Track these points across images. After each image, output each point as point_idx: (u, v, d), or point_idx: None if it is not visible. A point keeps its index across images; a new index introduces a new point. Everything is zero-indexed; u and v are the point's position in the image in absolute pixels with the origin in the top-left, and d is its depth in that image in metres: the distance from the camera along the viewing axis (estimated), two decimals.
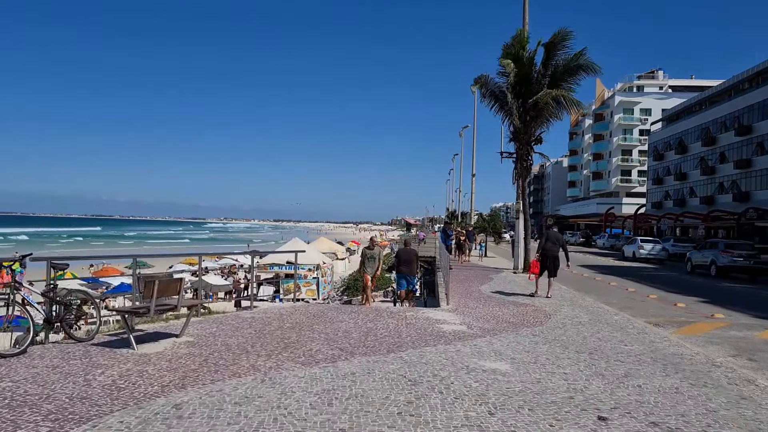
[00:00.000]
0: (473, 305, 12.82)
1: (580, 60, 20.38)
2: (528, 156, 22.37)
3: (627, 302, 16.05)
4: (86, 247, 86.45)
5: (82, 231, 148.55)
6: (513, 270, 23.42)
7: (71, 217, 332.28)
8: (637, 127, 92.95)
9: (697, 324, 12.31)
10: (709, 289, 21.24)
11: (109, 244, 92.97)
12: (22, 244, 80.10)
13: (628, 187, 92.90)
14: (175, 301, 7.61)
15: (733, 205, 53.64)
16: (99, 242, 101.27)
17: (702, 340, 10.29)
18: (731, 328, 11.90)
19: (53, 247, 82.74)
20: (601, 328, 10.33)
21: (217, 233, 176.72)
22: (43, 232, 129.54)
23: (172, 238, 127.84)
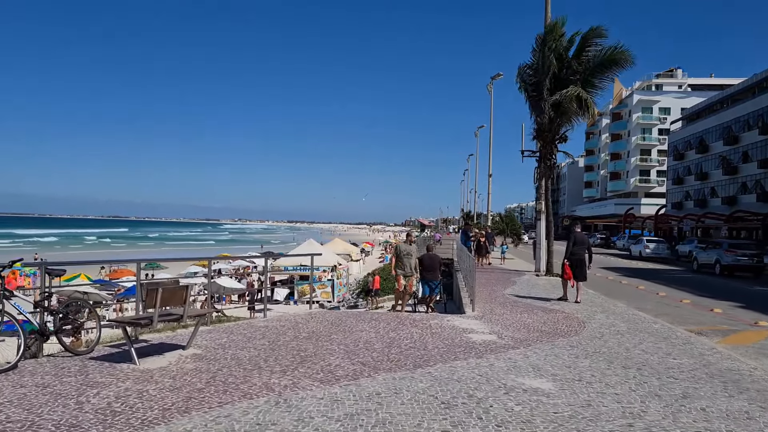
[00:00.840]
0: (500, 311, 12.06)
1: (614, 54, 19.53)
2: (552, 155, 21.53)
3: (661, 308, 15.21)
4: (108, 248, 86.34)
5: (109, 232, 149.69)
6: (535, 273, 22.59)
7: (88, 219, 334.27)
8: (656, 126, 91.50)
9: (743, 333, 11.47)
10: (743, 293, 20.29)
11: (131, 246, 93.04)
12: (47, 246, 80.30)
13: (646, 187, 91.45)
14: (181, 311, 6.93)
15: (757, 205, 52.36)
16: (122, 244, 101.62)
17: (753, 352, 9.46)
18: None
19: (80, 248, 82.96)
20: (643, 338, 9.53)
21: (236, 234, 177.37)
22: (69, 233, 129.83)
23: (194, 239, 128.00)
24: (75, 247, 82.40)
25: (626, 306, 14.05)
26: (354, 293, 37.36)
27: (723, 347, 9.40)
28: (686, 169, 71.24)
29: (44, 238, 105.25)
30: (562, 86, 20.54)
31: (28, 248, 73.57)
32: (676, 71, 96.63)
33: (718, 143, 62.45)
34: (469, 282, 14.57)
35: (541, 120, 21.06)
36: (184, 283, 7.11)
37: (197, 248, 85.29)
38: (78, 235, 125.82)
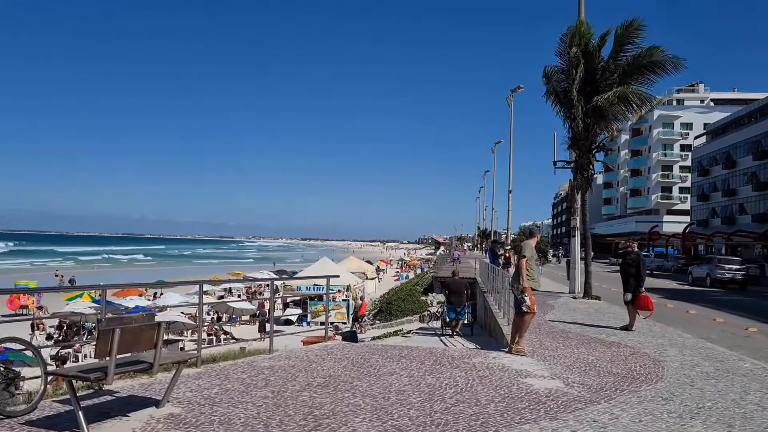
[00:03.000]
0: (551, 344, 10.10)
1: (656, 56, 17.59)
2: (589, 165, 19.61)
3: (728, 338, 13.24)
4: (154, 268, 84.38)
5: (149, 250, 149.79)
6: (570, 294, 20.59)
7: (104, 236, 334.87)
8: (677, 142, 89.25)
9: None
10: None
11: (178, 264, 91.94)
12: (88, 264, 79.26)
13: (668, 204, 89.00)
14: (150, 357, 5.07)
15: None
16: (170, 262, 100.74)
17: None
18: None
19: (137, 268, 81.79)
20: (745, 384, 7.55)
21: (266, 252, 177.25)
22: (112, 251, 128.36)
23: (230, 258, 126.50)
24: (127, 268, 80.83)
25: (691, 337, 12.03)
26: (371, 314, 35.39)
27: None
28: (712, 185, 68.87)
29: (82, 256, 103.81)
30: (597, 89, 18.70)
31: (70, 265, 72.90)
32: (698, 86, 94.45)
33: (746, 158, 60.13)
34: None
35: (576, 127, 19.16)
36: (162, 319, 5.24)
37: (236, 266, 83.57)
38: (120, 252, 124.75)
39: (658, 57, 17.65)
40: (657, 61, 17.74)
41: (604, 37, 18.46)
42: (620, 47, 18.26)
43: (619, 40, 18.13)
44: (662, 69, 17.85)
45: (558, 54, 19.21)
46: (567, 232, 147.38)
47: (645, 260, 12.79)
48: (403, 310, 32.05)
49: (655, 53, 17.60)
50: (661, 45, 17.83)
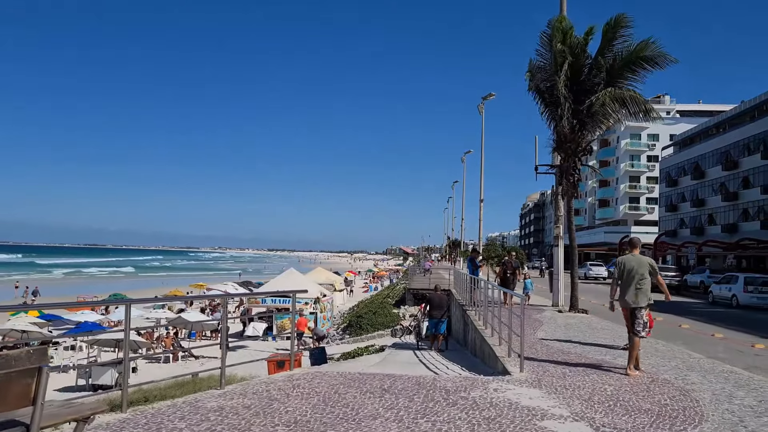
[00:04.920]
0: (555, 370, 8.65)
1: (647, 50, 16.39)
2: (575, 169, 18.34)
3: (739, 357, 12.00)
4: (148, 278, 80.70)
5: (140, 260, 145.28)
6: (555, 308, 19.26)
7: (65, 247, 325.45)
8: (644, 153, 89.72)
9: None
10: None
11: (138, 276, 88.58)
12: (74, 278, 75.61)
13: (636, 214, 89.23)
14: (26, 415, 3.44)
15: (761, 233, 49.76)
16: (162, 273, 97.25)
17: None
18: None
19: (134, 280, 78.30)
20: None
21: (233, 262, 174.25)
22: (88, 263, 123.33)
23: (194, 269, 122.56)
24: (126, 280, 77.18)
25: (705, 357, 10.71)
26: (340, 328, 33.71)
27: None
28: (680, 195, 68.94)
29: (48, 268, 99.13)
30: (584, 88, 17.49)
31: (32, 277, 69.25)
32: (664, 98, 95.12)
33: (715, 168, 60.17)
34: (502, 326, 11.06)
35: (562, 129, 17.89)
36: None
37: (196, 277, 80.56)
38: (103, 264, 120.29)
39: (648, 52, 16.47)
40: (647, 56, 16.57)
41: (589, 33, 17.24)
42: (608, 43, 17.05)
43: (607, 36, 16.92)
44: (652, 64, 16.68)
45: (539, 53, 17.97)
46: (535, 243, 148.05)
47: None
48: (374, 324, 30.50)
49: (647, 48, 16.42)
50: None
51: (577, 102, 17.18)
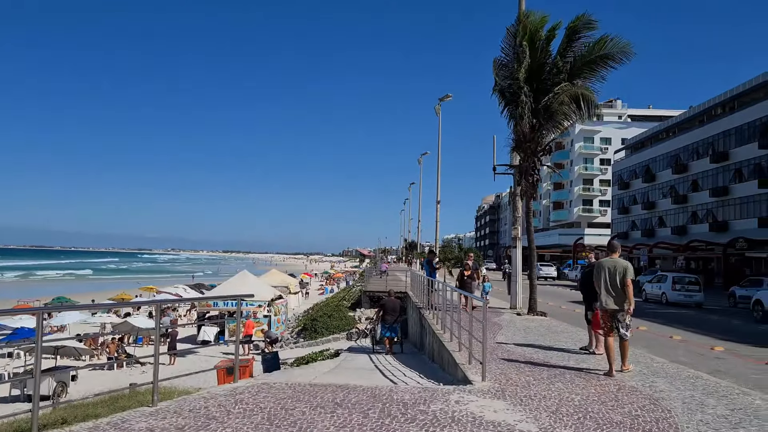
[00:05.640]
0: (519, 378, 8.18)
1: (606, 48, 16.18)
2: (534, 169, 18.05)
3: (701, 360, 11.79)
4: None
5: (96, 263, 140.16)
6: (513, 311, 18.94)
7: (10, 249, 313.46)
8: (597, 156, 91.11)
9: None
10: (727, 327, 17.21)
11: (85, 279, 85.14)
12: None
13: (589, 217, 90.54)
14: None
15: (709, 235, 50.91)
16: (118, 276, 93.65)
17: None
18: None
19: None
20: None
21: (184, 264, 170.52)
22: (40, 265, 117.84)
23: (145, 271, 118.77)
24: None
25: (668, 361, 10.43)
26: (294, 331, 32.89)
27: None
28: (632, 198, 70.18)
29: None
30: (545, 87, 17.20)
31: None
32: (616, 102, 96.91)
33: (666, 172, 61.38)
34: (462, 331, 10.55)
35: (522, 128, 17.57)
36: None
37: (146, 279, 78.01)
38: (54, 267, 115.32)
39: (608, 49, 16.26)
40: (607, 54, 16.36)
41: (553, 30, 16.95)
42: (570, 42, 16.80)
43: (570, 34, 16.66)
44: (613, 61, 16.49)
45: (503, 50, 17.62)
46: (491, 244, 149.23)
47: None
48: (330, 327, 29.81)
49: (604, 46, 16.20)
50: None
51: (537, 101, 16.88)
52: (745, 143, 47.78)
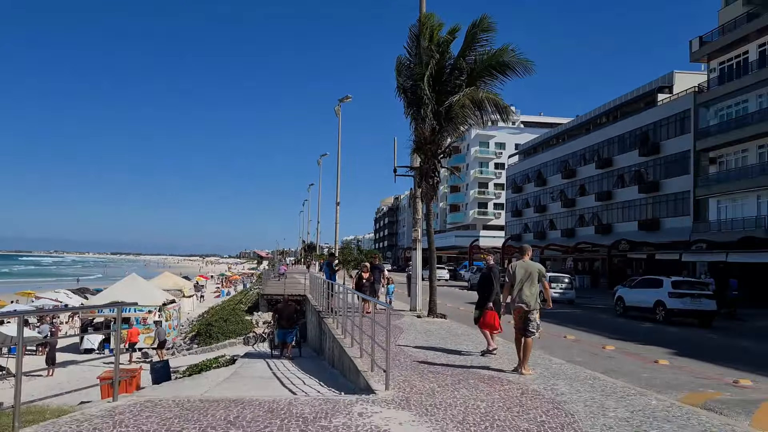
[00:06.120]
0: (422, 385, 7.94)
1: (506, 56, 16.41)
2: (435, 171, 18.06)
3: (595, 360, 12.11)
4: None
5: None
6: (414, 313, 18.87)
7: None
8: (492, 161, 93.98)
9: (743, 399, 8.35)
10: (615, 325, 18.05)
11: None
12: None
13: (484, 219, 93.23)
14: None
15: (595, 237, 53.57)
16: None
17: None
18: None
19: None
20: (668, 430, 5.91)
21: (93, 267, 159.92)
22: None
23: (49, 275, 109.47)
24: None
25: (564, 362, 10.57)
26: (188, 337, 31.45)
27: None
28: (524, 201, 72.85)
29: None
30: (446, 89, 17.25)
31: None
32: (509, 108, 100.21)
33: (556, 176, 64.12)
34: (364, 336, 10.22)
35: (423, 130, 17.53)
36: None
37: (24, 284, 71.87)
38: None
39: (508, 58, 16.53)
40: (507, 62, 16.62)
41: (453, 32, 17.02)
42: (470, 45, 16.92)
43: (470, 37, 16.78)
44: (512, 71, 16.77)
45: (406, 49, 17.50)
46: (389, 246, 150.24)
47: (498, 274, 11.13)
48: (225, 332, 28.72)
49: (505, 54, 16.46)
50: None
51: (438, 103, 16.87)
52: (626, 151, 50.72)
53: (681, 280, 23.87)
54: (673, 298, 21.92)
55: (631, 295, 24.82)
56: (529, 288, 8.98)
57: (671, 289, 22.21)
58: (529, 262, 9.32)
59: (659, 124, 46.46)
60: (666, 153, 45.42)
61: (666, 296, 22.16)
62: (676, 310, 21.82)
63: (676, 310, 21.84)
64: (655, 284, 23.52)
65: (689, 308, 21.80)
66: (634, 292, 24.79)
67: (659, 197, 46.30)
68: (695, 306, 21.81)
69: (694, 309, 21.81)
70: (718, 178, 39.24)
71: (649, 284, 24.18)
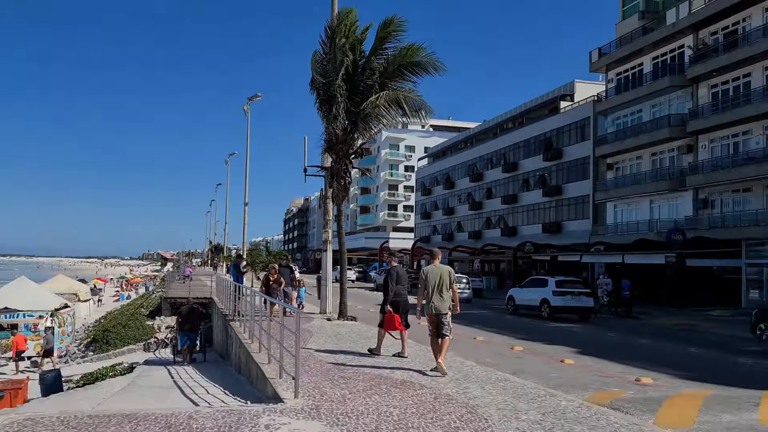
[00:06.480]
0: (333, 392, 7.63)
1: (419, 56, 16.37)
2: (347, 172, 17.78)
3: (504, 360, 12.24)
4: None
5: None
6: (324, 316, 18.50)
7: None
8: (402, 163, 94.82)
9: (669, 401, 8.58)
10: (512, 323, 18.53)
11: None
12: None
13: (394, 221, 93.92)
14: None
15: (501, 239, 54.97)
16: None
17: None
18: (704, 406, 8.31)
19: None
20: None
21: None
22: None
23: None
24: None
25: (476, 364, 10.56)
26: (83, 344, 29.64)
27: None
28: (433, 204, 73.90)
29: None
30: (358, 88, 17.02)
31: None
32: (426, 105, 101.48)
33: (463, 180, 65.39)
34: (272, 341, 9.78)
35: (335, 130, 17.21)
36: None
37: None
38: None
39: (419, 57, 16.49)
40: (418, 61, 16.58)
41: (366, 31, 16.82)
42: (382, 43, 16.76)
43: (382, 36, 16.62)
44: (424, 70, 16.75)
45: (321, 46, 17.10)
46: (299, 248, 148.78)
47: (400, 274, 10.95)
48: (124, 338, 27.23)
49: (416, 53, 16.40)
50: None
51: (351, 102, 16.61)
52: (531, 156, 52.38)
53: (563, 279, 25.88)
54: (557, 296, 24.01)
55: (521, 294, 26.84)
56: (441, 292, 9.11)
57: (555, 288, 24.33)
58: (440, 265, 9.46)
59: (562, 131, 48.26)
60: (568, 158, 47.23)
61: (550, 295, 24.21)
62: (558, 306, 23.88)
63: (558, 307, 23.87)
64: (542, 284, 25.67)
65: (570, 305, 24.05)
66: (523, 291, 26.85)
67: (562, 201, 48.08)
68: (575, 303, 24.08)
69: (575, 306, 24.09)
70: (615, 183, 41.17)
71: (536, 284, 26.35)
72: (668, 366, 12.36)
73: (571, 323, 22.38)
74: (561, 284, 24.75)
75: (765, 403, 8.53)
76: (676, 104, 36.65)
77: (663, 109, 37.59)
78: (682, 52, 35.81)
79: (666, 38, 36.80)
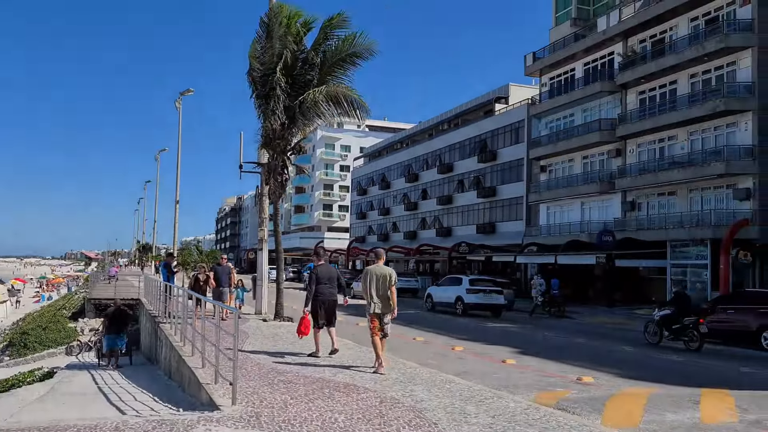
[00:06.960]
0: (274, 398, 7.22)
1: (356, 45, 16.09)
2: (284, 168, 17.29)
3: (447, 361, 12.07)
4: None
5: None
6: (259, 316, 17.94)
7: None
8: (338, 163, 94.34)
9: (612, 400, 8.54)
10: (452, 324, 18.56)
11: None
12: None
13: (329, 221, 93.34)
14: None
15: (436, 239, 55.29)
16: None
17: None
18: (648, 405, 8.32)
19: None
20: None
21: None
22: None
23: None
24: None
25: (418, 365, 10.34)
26: None
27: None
28: (369, 204, 73.71)
29: None
30: (298, 82, 16.61)
31: None
32: (365, 104, 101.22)
33: (399, 180, 65.49)
34: (207, 344, 9.23)
35: (272, 125, 16.69)
36: None
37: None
38: None
39: (355, 48, 16.22)
40: (356, 51, 16.31)
41: (307, 25, 16.39)
42: (324, 38, 16.40)
43: (325, 31, 16.27)
44: (360, 58, 16.51)
45: (259, 37, 16.54)
46: (232, 247, 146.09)
47: (322, 272, 10.62)
48: (44, 342, 25.82)
49: (352, 42, 16.12)
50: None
51: (289, 96, 16.15)
52: (466, 157, 52.89)
53: (476, 278, 27.03)
54: (470, 294, 24.76)
55: (438, 292, 27.59)
56: (383, 292, 9.19)
57: (468, 286, 25.19)
58: (383, 266, 9.49)
59: (496, 133, 48.92)
60: (502, 160, 47.90)
61: (464, 292, 24.93)
62: (471, 304, 24.61)
63: (472, 304, 24.59)
64: (457, 282, 26.44)
65: (482, 302, 24.86)
66: (441, 289, 27.60)
67: (496, 202, 48.73)
68: (487, 300, 24.91)
69: (487, 303, 24.92)
70: (548, 185, 41.98)
71: (452, 282, 27.12)
72: (606, 365, 12.48)
73: (486, 319, 23.05)
74: (474, 282, 25.77)
75: (704, 401, 8.64)
76: (606, 109, 37.67)
77: (594, 114, 38.57)
78: (612, 59, 36.82)
79: (597, 45, 37.77)
